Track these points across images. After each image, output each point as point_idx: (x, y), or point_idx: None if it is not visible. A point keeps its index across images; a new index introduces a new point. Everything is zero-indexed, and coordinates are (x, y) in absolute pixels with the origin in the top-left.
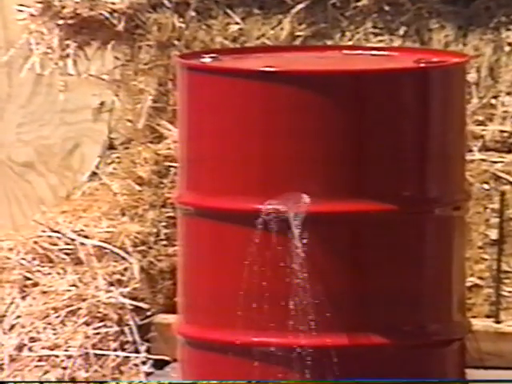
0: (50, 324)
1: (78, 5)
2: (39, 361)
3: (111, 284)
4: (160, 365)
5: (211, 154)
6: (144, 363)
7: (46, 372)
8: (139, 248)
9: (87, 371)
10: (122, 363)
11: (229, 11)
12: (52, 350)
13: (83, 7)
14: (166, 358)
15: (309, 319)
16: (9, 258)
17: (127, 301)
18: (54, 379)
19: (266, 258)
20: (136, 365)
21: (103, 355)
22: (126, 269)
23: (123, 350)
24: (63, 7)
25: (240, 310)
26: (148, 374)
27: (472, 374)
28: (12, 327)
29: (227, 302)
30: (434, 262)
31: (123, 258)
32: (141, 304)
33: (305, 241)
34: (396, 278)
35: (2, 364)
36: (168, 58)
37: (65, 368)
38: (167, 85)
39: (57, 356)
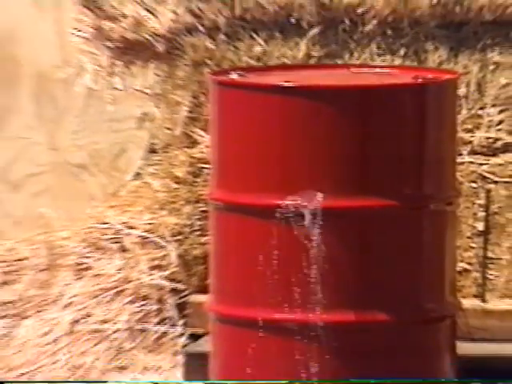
0: (100, 302)
1: (124, 29)
2: (91, 334)
3: (152, 268)
4: (194, 338)
5: (238, 156)
6: (180, 336)
7: (97, 344)
8: (176, 238)
9: (132, 343)
10: (162, 336)
11: (253, 34)
12: (102, 324)
13: (129, 31)
14: (200, 331)
15: (321, 299)
16: (65, 246)
17: (166, 283)
18: (103, 351)
19: (284, 246)
20: (173, 338)
21: (146, 329)
22: (165, 255)
23: (163, 325)
24: (112, 31)
25: (261, 291)
26: (184, 346)
27: (461, 346)
28: (67, 305)
29: (251, 284)
30: (430, 249)
31: (162, 246)
32: (178, 285)
33: (318, 231)
34: (397, 264)
35: (60, 337)
36: (201, 75)
37: (113, 340)
38: (200, 98)
39: (106, 330)
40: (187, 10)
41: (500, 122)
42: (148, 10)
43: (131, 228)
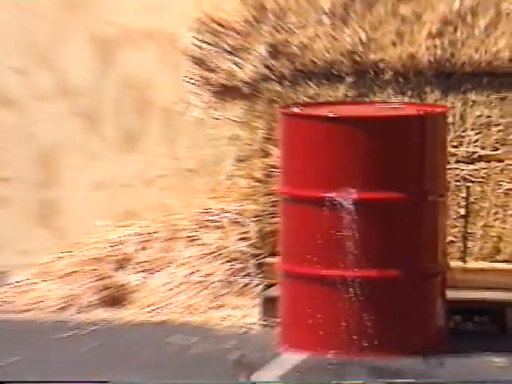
0: (203, 262)
1: (220, 78)
2: (198, 284)
3: (239, 240)
4: (268, 287)
5: (297, 164)
6: (258, 286)
7: (202, 291)
8: (255, 219)
9: (225, 290)
10: (246, 286)
11: (308, 81)
12: (205, 277)
13: (223, 79)
14: (271, 282)
15: (354, 261)
16: (180, 224)
17: (249, 249)
18: (206, 295)
19: (330, 225)
20: (253, 287)
21: (235, 281)
22: (248, 231)
23: (246, 277)
24: (212, 79)
25: (313, 256)
26: (260, 292)
27: (448, 292)
28: (182, 264)
29: (306, 251)
30: (428, 227)
31: (246, 225)
32: (256, 251)
33: (352, 215)
34: (406, 237)
35: (177, 286)
36: (273, 109)
37: (213, 288)
38: (272, 124)
39: (208, 281)
40: (263, 64)
41: (476, 141)
42: (236, 65)
43: (225, 212)
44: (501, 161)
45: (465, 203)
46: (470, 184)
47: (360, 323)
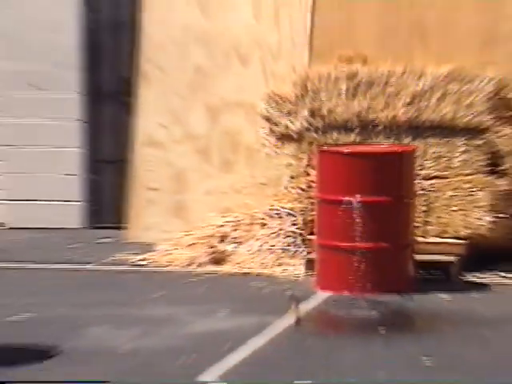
0: (271, 238)
1: (280, 129)
2: (268, 250)
3: (291, 225)
4: (308, 253)
5: (326, 180)
6: (302, 252)
7: (268, 255)
8: (301, 212)
9: (284, 254)
10: (295, 252)
11: (332, 131)
12: (272, 247)
13: (282, 130)
14: (311, 251)
15: (361, 238)
16: (256, 215)
17: (297, 231)
18: (271, 258)
19: (345, 217)
20: (300, 253)
21: (288, 249)
22: (296, 220)
23: (296, 247)
24: (275, 130)
25: (336, 234)
26: (305, 256)
27: (416, 256)
28: (257, 239)
29: (332, 231)
30: (404, 217)
31: (295, 216)
32: (302, 231)
33: (359, 211)
34: (391, 223)
35: (256, 251)
36: (312, 148)
37: (276, 253)
38: (311, 156)
39: (274, 249)
40: (306, 121)
41: (431, 167)
42: (290, 121)
43: (283, 208)
44: (446, 178)
45: (425, 204)
46: (428, 192)
47: (363, 274)
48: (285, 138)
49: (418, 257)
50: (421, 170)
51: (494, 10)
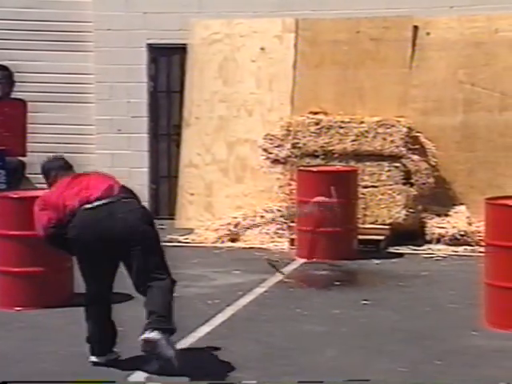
0: (269, 224)
1: (274, 157)
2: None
3: (282, 216)
4: (291, 233)
5: (303, 188)
6: (286, 234)
7: (266, 235)
8: (288, 209)
9: (276, 235)
10: (282, 234)
11: (315, 159)
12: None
13: (274, 157)
14: (293, 232)
15: (322, 225)
16: (267, 214)
17: (283, 220)
18: (268, 238)
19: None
20: (285, 236)
21: (277, 233)
22: (284, 214)
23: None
24: (271, 157)
25: (309, 223)
26: (289, 235)
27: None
28: (256, 226)
29: (308, 220)
30: (351, 211)
31: (282, 211)
32: (286, 221)
33: (336, 205)
34: (343, 214)
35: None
36: (293, 168)
37: (268, 234)
38: (293, 174)
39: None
40: (289, 151)
41: (367, 180)
42: (280, 151)
43: (274, 206)
44: (376, 187)
45: (364, 203)
46: (365, 196)
47: (326, 249)
48: (276, 162)
49: (360, 236)
50: (361, 182)
51: (405, 81)
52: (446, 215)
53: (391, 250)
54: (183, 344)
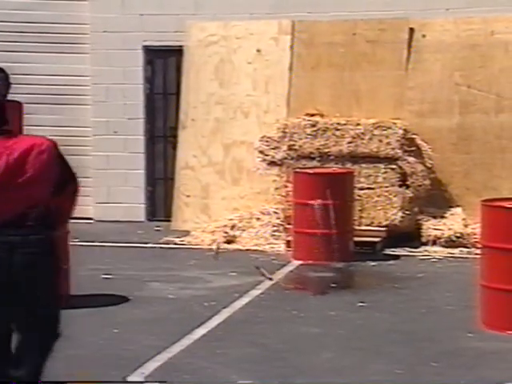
0: (265, 226)
1: (270, 158)
2: (262, 235)
3: (278, 218)
4: (288, 236)
5: (299, 190)
6: (283, 236)
7: (262, 237)
8: (284, 211)
9: (271, 238)
10: (279, 236)
11: (310, 161)
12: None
13: (271, 159)
14: (289, 234)
15: (320, 227)
16: (263, 215)
17: (279, 222)
18: (264, 241)
19: (311, 215)
20: (282, 236)
21: (273, 235)
22: (280, 216)
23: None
24: (267, 159)
25: (306, 224)
26: (284, 238)
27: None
28: (238, 230)
29: (305, 221)
30: (348, 213)
31: (278, 213)
32: (282, 223)
33: (320, 210)
34: (339, 217)
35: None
36: (290, 170)
37: (265, 238)
38: (289, 176)
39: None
40: (285, 153)
41: (363, 182)
42: (276, 153)
43: (270, 208)
44: (373, 189)
45: (360, 205)
46: (362, 197)
47: (321, 249)
48: (272, 163)
49: (356, 238)
50: (357, 183)
51: (401, 83)
52: (442, 217)
53: (387, 251)
54: (179, 346)
